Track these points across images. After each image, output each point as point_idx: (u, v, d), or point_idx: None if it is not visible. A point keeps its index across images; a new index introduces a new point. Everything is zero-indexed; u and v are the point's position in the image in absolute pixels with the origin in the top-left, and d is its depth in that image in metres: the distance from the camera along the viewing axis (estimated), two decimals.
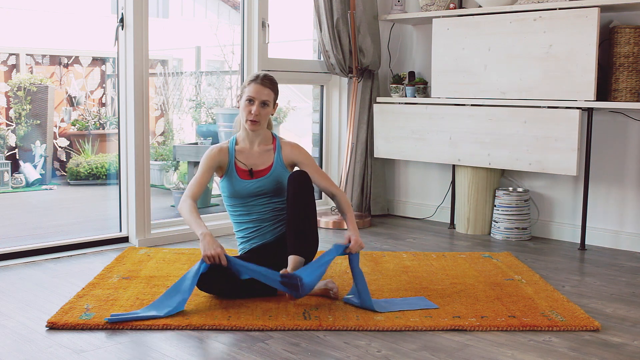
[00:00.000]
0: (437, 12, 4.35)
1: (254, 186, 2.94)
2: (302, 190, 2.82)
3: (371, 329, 2.53)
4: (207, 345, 2.38)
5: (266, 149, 3.00)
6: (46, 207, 5.75)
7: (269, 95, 2.91)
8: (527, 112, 3.91)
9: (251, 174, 2.95)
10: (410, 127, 4.44)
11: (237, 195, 2.96)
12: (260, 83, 2.90)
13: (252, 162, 2.97)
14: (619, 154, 3.98)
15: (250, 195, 2.95)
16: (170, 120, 6.76)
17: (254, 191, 2.95)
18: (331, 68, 4.67)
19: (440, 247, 3.99)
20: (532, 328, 2.56)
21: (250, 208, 2.97)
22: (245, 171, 2.96)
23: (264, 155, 2.99)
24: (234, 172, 2.96)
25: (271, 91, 2.93)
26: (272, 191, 2.96)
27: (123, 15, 3.73)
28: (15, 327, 2.53)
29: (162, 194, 5.78)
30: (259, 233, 2.99)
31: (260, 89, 2.89)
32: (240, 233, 3.03)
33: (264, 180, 2.95)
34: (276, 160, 2.98)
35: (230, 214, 3.04)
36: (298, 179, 2.84)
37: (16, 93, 6.60)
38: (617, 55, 3.71)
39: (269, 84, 2.92)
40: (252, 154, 2.99)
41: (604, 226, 4.06)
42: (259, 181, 2.95)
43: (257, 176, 2.95)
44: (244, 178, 2.95)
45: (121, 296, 2.85)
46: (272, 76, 2.98)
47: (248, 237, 3.01)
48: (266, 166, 2.97)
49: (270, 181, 2.95)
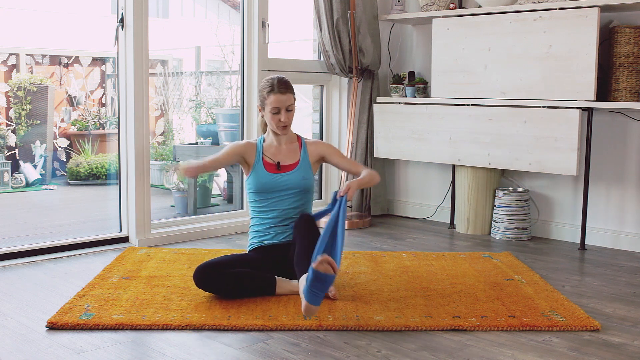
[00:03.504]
0: (437, 12, 4.35)
1: (281, 179, 3.03)
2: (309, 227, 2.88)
3: (371, 329, 2.53)
4: (207, 345, 2.38)
5: (292, 146, 3.12)
6: (46, 207, 5.75)
7: (290, 99, 3.02)
8: (527, 112, 3.91)
9: (279, 167, 3.05)
10: (410, 127, 4.44)
11: (264, 189, 3.03)
12: (279, 92, 2.98)
13: (280, 158, 3.08)
14: (619, 154, 3.98)
15: (276, 189, 3.03)
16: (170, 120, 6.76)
17: (282, 184, 3.02)
18: (331, 68, 4.67)
19: (440, 247, 3.99)
20: (532, 328, 2.56)
21: (275, 204, 3.04)
22: (272, 165, 3.06)
23: (291, 151, 3.11)
24: (261, 166, 3.05)
25: (290, 94, 3.03)
26: (297, 186, 3.04)
27: (123, 15, 3.74)
28: (15, 327, 2.53)
29: (162, 194, 5.78)
30: (276, 232, 3.04)
31: (281, 97, 2.98)
32: (257, 227, 3.08)
33: (291, 174, 3.04)
34: (302, 156, 3.09)
35: (253, 209, 3.11)
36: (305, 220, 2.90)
37: (16, 93, 6.60)
38: (617, 55, 3.71)
39: (286, 89, 3.01)
40: (280, 150, 3.10)
41: (604, 226, 4.06)
42: (287, 175, 3.04)
43: (285, 170, 3.05)
44: (271, 171, 3.04)
45: (121, 296, 2.85)
46: (284, 77, 3.06)
47: (263, 233, 3.05)
48: (293, 161, 3.08)
49: (297, 176, 3.04)
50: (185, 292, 2.91)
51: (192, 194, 4.97)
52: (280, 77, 3.04)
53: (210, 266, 2.82)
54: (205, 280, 2.79)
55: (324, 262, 2.41)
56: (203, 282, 2.80)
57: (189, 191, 4.99)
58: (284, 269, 2.94)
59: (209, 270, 2.80)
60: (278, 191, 3.03)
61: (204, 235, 4.13)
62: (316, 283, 2.44)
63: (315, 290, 2.45)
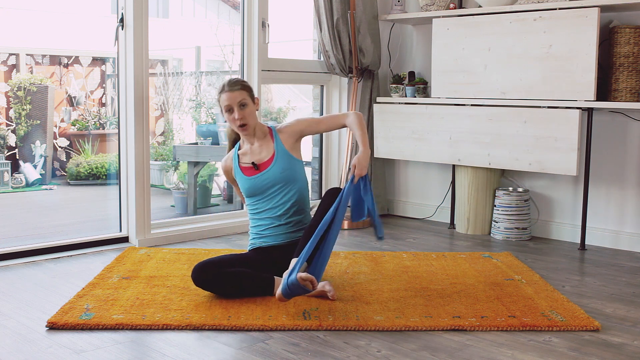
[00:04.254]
0: (437, 12, 4.35)
1: (261, 178, 3.01)
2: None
3: (371, 329, 2.53)
4: (207, 345, 2.38)
5: (265, 141, 3.07)
6: (46, 207, 5.75)
7: (242, 94, 2.96)
8: (527, 112, 3.91)
9: (256, 167, 3.02)
10: (410, 127, 4.44)
11: (252, 192, 3.03)
12: (228, 90, 2.96)
13: (256, 158, 3.05)
14: (619, 154, 3.98)
15: (262, 189, 3.01)
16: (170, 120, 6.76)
17: (264, 184, 3.00)
18: (331, 68, 4.67)
19: (440, 247, 3.99)
20: (532, 328, 2.56)
21: (267, 203, 3.03)
22: (249, 167, 3.04)
23: (264, 147, 3.06)
24: (240, 173, 3.05)
25: (242, 90, 2.97)
26: (280, 180, 3.00)
27: (123, 15, 3.74)
28: (15, 327, 2.53)
29: (162, 194, 5.78)
30: (274, 232, 3.03)
31: (231, 95, 2.95)
32: (255, 229, 3.07)
33: (270, 170, 3.01)
34: (276, 147, 3.04)
35: (249, 211, 3.10)
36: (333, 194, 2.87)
37: (16, 93, 6.60)
38: (617, 55, 3.71)
39: (237, 86, 2.97)
40: (254, 151, 3.06)
41: (604, 226, 4.06)
42: (265, 172, 3.01)
43: (263, 168, 3.02)
44: (251, 175, 3.02)
45: (121, 296, 2.85)
46: (238, 78, 3.03)
47: (261, 235, 3.05)
48: (269, 156, 3.03)
49: (275, 170, 3.00)
50: (185, 292, 2.91)
51: (192, 194, 4.97)
52: (233, 78, 3.01)
53: (208, 264, 2.82)
54: (203, 278, 2.79)
55: (307, 280, 2.59)
56: (201, 281, 2.80)
57: (189, 191, 4.99)
58: (283, 269, 2.93)
59: (208, 268, 2.80)
60: (264, 190, 3.01)
61: (204, 235, 4.13)
62: (294, 288, 2.60)
63: (291, 290, 2.61)
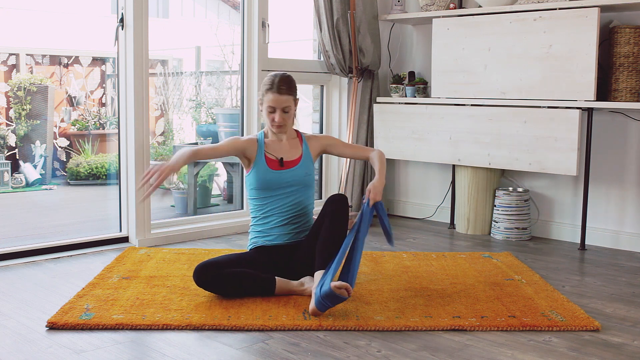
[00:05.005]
0: (437, 12, 4.35)
1: (285, 175, 3.00)
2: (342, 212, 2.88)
3: (371, 329, 2.53)
4: (207, 345, 2.38)
5: (294, 141, 3.08)
6: (46, 207, 5.75)
7: (288, 101, 2.95)
8: (527, 112, 3.91)
9: (282, 163, 3.01)
10: (410, 127, 4.44)
11: (268, 186, 2.99)
12: (277, 92, 2.92)
13: (282, 153, 3.04)
14: (619, 154, 3.98)
15: (280, 185, 2.99)
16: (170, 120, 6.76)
17: (285, 181, 2.99)
18: (331, 68, 4.67)
19: (440, 247, 3.99)
20: (532, 328, 2.56)
21: (276, 201, 3.00)
22: (275, 161, 3.02)
23: (293, 147, 3.07)
24: (263, 163, 3.00)
25: (289, 96, 2.96)
26: (300, 182, 3.01)
27: (123, 15, 3.74)
28: (15, 327, 2.53)
29: (162, 194, 5.78)
30: (280, 232, 3.01)
31: (279, 97, 2.93)
32: (259, 227, 3.04)
33: (295, 170, 3.01)
34: (304, 151, 3.06)
35: (254, 206, 3.05)
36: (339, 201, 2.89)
37: (16, 93, 6.60)
38: (617, 55, 3.71)
39: (286, 90, 2.94)
40: (282, 147, 3.06)
41: (604, 226, 4.06)
42: (290, 171, 3.01)
43: (288, 166, 3.02)
44: (274, 168, 3.00)
45: (121, 296, 2.85)
46: (288, 76, 2.99)
47: (266, 233, 3.02)
48: (296, 157, 3.04)
49: (300, 172, 3.02)
50: (185, 292, 2.91)
51: (192, 194, 4.97)
52: (285, 76, 2.97)
53: (210, 265, 2.82)
54: (204, 279, 2.79)
55: (342, 288, 2.59)
56: (203, 281, 2.80)
57: (189, 191, 4.99)
58: (285, 270, 2.94)
59: (209, 269, 2.80)
60: (281, 188, 2.99)
61: (204, 235, 4.13)
62: (329, 298, 2.58)
63: (325, 302, 2.59)
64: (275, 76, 2.95)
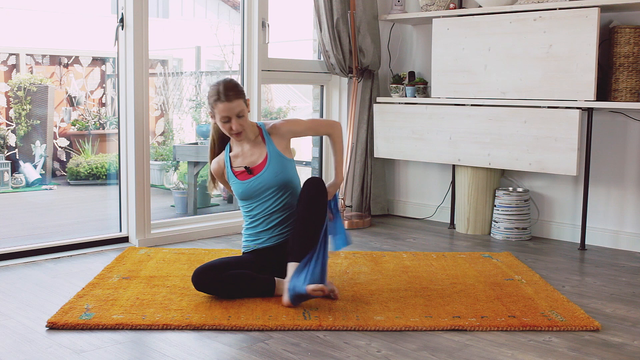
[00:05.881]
0: (437, 12, 4.35)
1: (255, 183, 2.96)
2: (318, 196, 2.85)
3: (371, 329, 2.53)
4: (207, 345, 2.38)
5: (256, 142, 3.00)
6: (46, 207, 5.75)
7: (240, 105, 2.86)
8: (527, 112, 3.91)
9: (249, 171, 2.97)
10: (410, 127, 4.44)
11: (247, 196, 2.99)
12: (226, 100, 2.83)
13: (247, 161, 2.99)
14: (619, 154, 3.98)
15: (255, 193, 2.97)
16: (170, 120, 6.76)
17: (258, 188, 2.96)
18: (331, 68, 4.67)
19: (440, 247, 3.99)
20: (532, 328, 2.56)
21: (259, 206, 2.99)
22: (242, 172, 2.98)
23: (256, 150, 3.00)
24: (233, 177, 3.00)
25: (238, 99, 2.86)
26: (274, 184, 2.96)
27: (123, 15, 3.74)
28: (15, 327, 2.53)
29: (162, 194, 5.78)
30: (268, 235, 2.99)
31: (229, 105, 2.83)
32: (249, 231, 3.04)
33: (263, 174, 2.95)
34: (269, 149, 2.98)
35: (244, 213, 3.07)
36: (315, 184, 2.87)
37: (16, 93, 6.60)
38: (617, 55, 3.71)
39: (234, 95, 2.85)
40: (245, 154, 3.01)
41: (604, 226, 4.06)
42: (259, 176, 2.95)
43: (257, 171, 2.96)
44: (245, 179, 2.97)
45: (121, 296, 2.85)
46: (230, 80, 2.90)
47: (255, 237, 3.02)
48: (262, 159, 2.97)
49: (269, 174, 2.95)
50: (185, 292, 2.91)
51: (192, 194, 4.97)
52: (227, 82, 2.85)
53: (208, 268, 2.81)
54: (204, 282, 2.79)
55: (317, 290, 2.66)
56: (202, 285, 2.80)
57: (189, 191, 4.99)
58: (282, 270, 2.93)
59: (208, 272, 2.80)
60: (259, 194, 2.97)
61: (204, 235, 4.13)
62: (304, 298, 2.70)
63: (300, 299, 2.71)
64: (219, 84, 2.86)
